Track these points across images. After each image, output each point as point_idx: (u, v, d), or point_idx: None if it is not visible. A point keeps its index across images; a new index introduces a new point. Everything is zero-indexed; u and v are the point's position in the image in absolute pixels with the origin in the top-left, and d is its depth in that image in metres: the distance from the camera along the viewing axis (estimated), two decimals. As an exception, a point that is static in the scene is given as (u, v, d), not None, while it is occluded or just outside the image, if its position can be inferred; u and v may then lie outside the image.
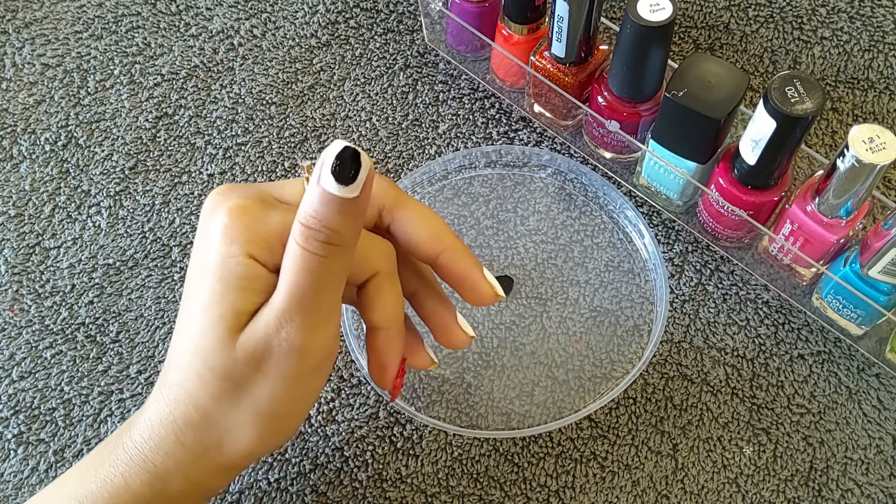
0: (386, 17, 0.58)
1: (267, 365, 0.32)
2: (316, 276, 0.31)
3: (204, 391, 0.33)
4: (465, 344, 0.38)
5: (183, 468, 0.35)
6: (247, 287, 0.32)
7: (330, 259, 0.31)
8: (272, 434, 0.35)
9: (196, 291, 0.33)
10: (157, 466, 0.35)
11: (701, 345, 0.46)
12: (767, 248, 0.46)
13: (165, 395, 0.35)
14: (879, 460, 0.43)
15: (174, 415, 0.34)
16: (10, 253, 0.51)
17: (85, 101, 0.56)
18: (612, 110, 0.46)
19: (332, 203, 0.29)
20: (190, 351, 0.33)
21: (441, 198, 0.51)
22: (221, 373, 0.32)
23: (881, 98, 0.53)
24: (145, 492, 0.35)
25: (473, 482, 0.43)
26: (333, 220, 0.30)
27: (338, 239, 0.30)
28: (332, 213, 0.30)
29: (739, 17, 0.56)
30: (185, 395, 0.34)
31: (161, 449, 0.35)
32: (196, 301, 0.33)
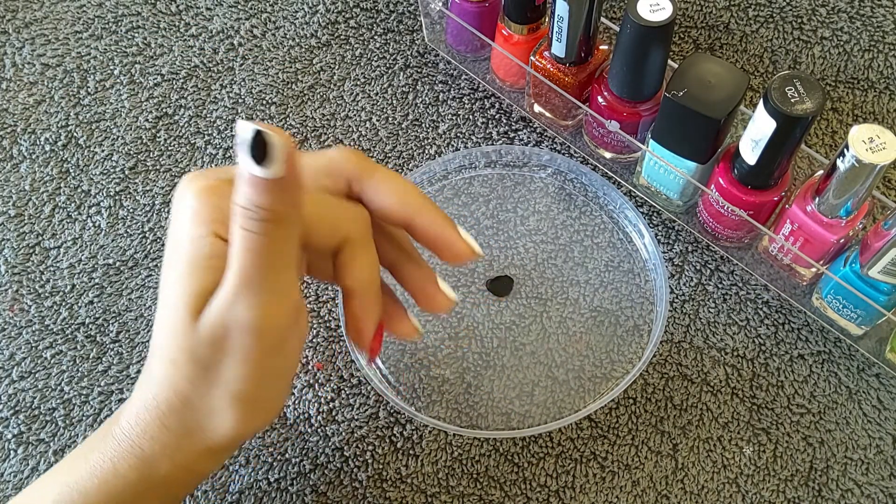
0: (386, 17, 0.58)
1: (227, 345, 0.32)
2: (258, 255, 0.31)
3: (179, 375, 0.34)
4: (448, 308, 0.38)
5: (169, 452, 0.35)
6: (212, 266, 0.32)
7: (269, 237, 0.31)
8: (251, 416, 0.35)
9: (167, 274, 0.33)
10: (143, 451, 0.35)
11: (701, 345, 0.46)
12: (767, 248, 0.46)
13: (148, 380, 0.35)
14: (879, 460, 0.43)
15: (157, 400, 0.35)
16: (10, 253, 0.51)
17: (85, 101, 0.56)
18: (612, 110, 0.46)
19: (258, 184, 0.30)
20: (162, 335, 0.33)
21: (441, 198, 0.51)
22: (190, 355, 0.33)
23: (881, 98, 0.53)
24: (133, 476, 0.35)
25: (473, 482, 0.43)
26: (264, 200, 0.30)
27: (273, 216, 0.31)
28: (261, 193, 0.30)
29: (739, 17, 0.56)
30: (164, 380, 0.34)
31: (147, 434, 0.35)
32: (166, 284, 0.33)
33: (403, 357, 0.46)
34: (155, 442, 0.35)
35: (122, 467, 0.35)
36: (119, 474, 0.35)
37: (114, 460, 0.36)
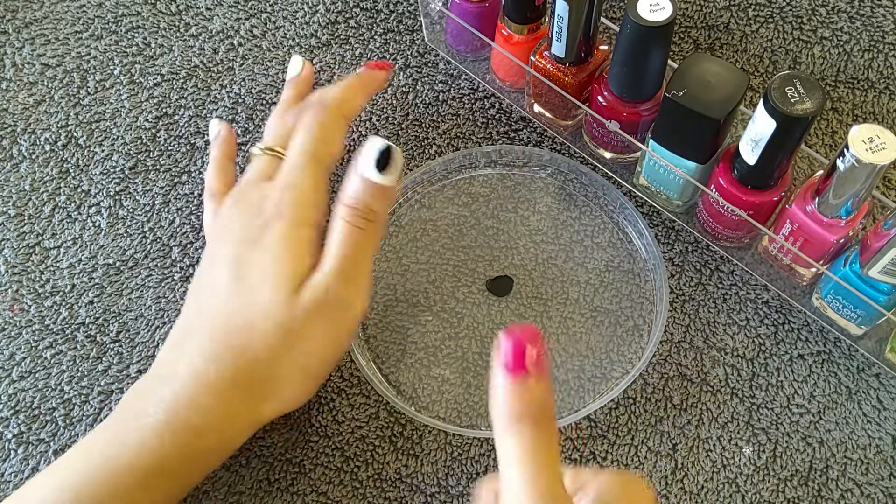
0: (386, 17, 0.58)
1: (319, 320, 0.38)
2: (357, 245, 0.38)
3: (262, 344, 0.38)
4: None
5: (222, 426, 0.38)
6: (306, 251, 0.39)
7: (367, 232, 0.39)
8: (306, 390, 0.40)
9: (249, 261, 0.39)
10: (195, 427, 0.37)
11: (700, 345, 0.46)
12: (767, 248, 0.46)
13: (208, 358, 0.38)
14: (879, 460, 0.43)
15: (221, 375, 0.38)
16: (10, 253, 0.51)
17: (85, 101, 0.56)
18: (612, 110, 0.46)
19: (370, 188, 0.38)
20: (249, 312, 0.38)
21: (441, 198, 0.51)
22: (282, 325, 0.38)
23: (881, 98, 0.53)
24: (177, 450, 0.37)
25: (472, 482, 0.43)
26: (370, 202, 0.38)
27: (373, 216, 0.39)
28: (370, 196, 0.38)
29: (739, 17, 0.56)
30: (235, 355, 0.38)
31: (202, 409, 0.37)
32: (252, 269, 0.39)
33: (404, 357, 0.46)
34: (208, 416, 0.37)
35: (170, 442, 0.37)
36: (166, 449, 0.37)
37: (161, 437, 0.37)
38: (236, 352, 0.38)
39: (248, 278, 0.39)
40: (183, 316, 0.41)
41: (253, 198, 0.41)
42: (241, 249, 0.39)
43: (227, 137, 0.49)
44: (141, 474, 0.36)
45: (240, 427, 0.39)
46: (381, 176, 0.38)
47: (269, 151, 0.44)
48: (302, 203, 0.40)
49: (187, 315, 0.41)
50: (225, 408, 0.38)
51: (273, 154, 0.44)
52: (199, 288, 0.41)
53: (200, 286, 0.41)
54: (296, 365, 0.39)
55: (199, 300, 0.41)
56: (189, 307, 0.41)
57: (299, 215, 0.40)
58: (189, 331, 0.40)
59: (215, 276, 0.40)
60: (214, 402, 0.38)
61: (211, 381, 0.38)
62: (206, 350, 0.38)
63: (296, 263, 0.39)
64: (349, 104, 0.45)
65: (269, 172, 0.43)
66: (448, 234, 0.50)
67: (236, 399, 0.38)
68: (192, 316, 0.41)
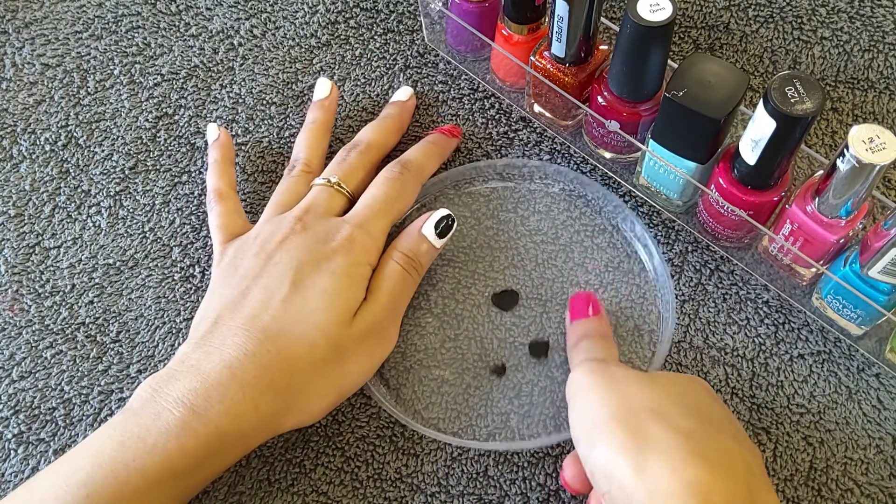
0: (386, 17, 0.58)
1: (365, 344, 0.42)
2: (405, 286, 0.44)
3: (307, 358, 0.40)
4: None
5: (246, 431, 0.38)
6: (363, 285, 0.43)
7: (413, 279, 0.45)
8: (329, 406, 0.42)
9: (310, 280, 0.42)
10: (219, 429, 0.37)
11: (700, 344, 0.46)
12: (767, 248, 0.46)
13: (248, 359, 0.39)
14: (879, 460, 0.43)
15: (259, 380, 0.39)
16: (10, 253, 0.51)
17: (85, 101, 0.56)
18: (612, 110, 0.46)
19: (425, 244, 0.45)
20: (303, 324, 0.40)
21: (441, 198, 0.51)
22: (334, 342, 0.41)
23: (881, 98, 0.53)
24: (200, 453, 0.37)
25: (472, 482, 0.43)
26: (422, 255, 0.45)
27: (420, 268, 0.45)
28: (423, 250, 0.45)
29: (739, 17, 0.56)
30: (280, 361, 0.39)
31: (231, 412, 0.38)
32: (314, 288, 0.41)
33: (403, 359, 0.46)
34: (237, 420, 0.38)
35: (191, 445, 0.37)
36: (186, 452, 0.37)
37: (180, 438, 0.37)
38: (280, 357, 0.39)
39: (308, 294, 0.41)
40: (210, 313, 0.41)
41: (321, 227, 0.44)
42: (304, 268, 0.42)
43: (224, 142, 0.51)
44: (155, 477, 0.36)
45: (260, 435, 0.39)
46: (438, 240, 0.45)
47: (337, 187, 0.47)
48: (369, 245, 0.44)
49: (220, 314, 0.41)
50: (255, 413, 0.38)
51: (339, 190, 0.47)
52: (240, 292, 0.42)
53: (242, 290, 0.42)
54: (332, 382, 0.41)
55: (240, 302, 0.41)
56: (222, 303, 0.41)
57: (365, 254, 0.43)
58: (225, 328, 0.40)
59: (268, 283, 0.42)
60: (246, 406, 0.38)
61: (248, 382, 0.38)
62: (249, 350, 0.39)
63: (354, 293, 0.42)
64: (427, 169, 0.49)
65: (334, 207, 0.46)
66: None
67: (267, 405, 0.39)
68: (226, 315, 0.41)
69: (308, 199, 0.46)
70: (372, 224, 0.45)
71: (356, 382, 0.42)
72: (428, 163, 0.49)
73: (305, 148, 0.50)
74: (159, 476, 0.36)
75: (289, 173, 0.49)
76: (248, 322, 0.40)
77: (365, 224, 0.44)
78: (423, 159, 0.49)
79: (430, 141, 0.50)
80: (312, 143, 0.50)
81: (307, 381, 0.40)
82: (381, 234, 0.45)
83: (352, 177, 0.48)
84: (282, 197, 0.47)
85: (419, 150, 0.49)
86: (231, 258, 0.44)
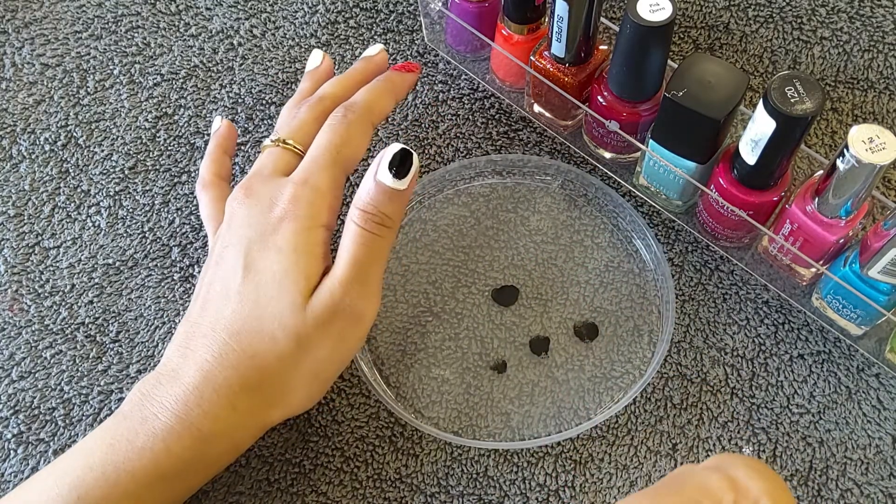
0: (386, 17, 0.58)
1: (331, 327, 0.38)
2: (370, 251, 0.38)
3: (272, 352, 0.37)
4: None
5: (229, 431, 0.38)
6: (317, 252, 0.38)
7: (381, 237, 0.38)
8: (314, 394, 0.39)
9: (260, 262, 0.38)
10: (202, 431, 0.37)
11: (700, 344, 0.46)
12: (767, 248, 0.46)
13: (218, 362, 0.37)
14: (879, 460, 0.43)
15: (230, 381, 0.37)
16: (10, 253, 0.51)
17: (85, 101, 0.56)
18: (611, 110, 0.46)
19: (386, 193, 0.38)
20: (259, 318, 0.37)
21: (441, 198, 0.51)
22: (293, 333, 0.37)
23: (881, 98, 0.53)
24: (187, 455, 0.37)
25: (472, 482, 0.43)
26: (385, 206, 0.38)
27: (388, 221, 0.38)
28: (385, 200, 0.38)
29: (739, 17, 0.56)
30: (246, 359, 0.37)
31: (210, 414, 0.37)
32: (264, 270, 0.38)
33: (403, 358, 0.46)
34: (218, 422, 0.37)
35: (177, 448, 0.37)
36: (173, 454, 0.37)
37: (167, 441, 0.36)
38: (246, 356, 0.37)
39: (259, 280, 0.38)
40: (190, 312, 0.40)
41: (265, 191, 0.40)
42: (252, 247, 0.39)
43: (224, 132, 0.48)
44: (145, 479, 0.36)
45: (248, 432, 0.39)
46: (396, 181, 0.38)
47: (283, 144, 0.42)
48: (317, 203, 0.39)
49: (194, 312, 0.40)
50: (233, 412, 0.38)
51: (286, 147, 0.42)
52: (207, 284, 0.40)
53: (208, 283, 0.40)
54: (305, 372, 0.38)
55: (207, 297, 0.39)
56: (196, 303, 0.40)
57: (314, 215, 0.39)
58: (197, 330, 0.39)
59: (225, 274, 0.39)
60: (223, 407, 0.37)
61: (220, 385, 0.37)
62: (216, 352, 0.38)
63: (307, 267, 0.38)
64: (377, 108, 0.44)
65: (282, 167, 0.42)
66: (448, 235, 0.50)
67: (245, 403, 0.38)
68: (198, 314, 0.39)
69: (255, 164, 0.43)
70: (318, 177, 0.40)
71: (335, 367, 0.39)
72: (378, 101, 0.44)
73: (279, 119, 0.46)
74: (149, 478, 0.36)
75: None
76: (213, 322, 0.38)
77: (309, 179, 0.40)
78: (370, 97, 0.44)
79: (380, 79, 0.46)
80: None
81: (279, 375, 0.38)
82: (330, 188, 0.40)
83: (301, 131, 0.43)
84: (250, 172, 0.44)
85: (366, 88, 0.45)
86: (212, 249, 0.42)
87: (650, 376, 0.45)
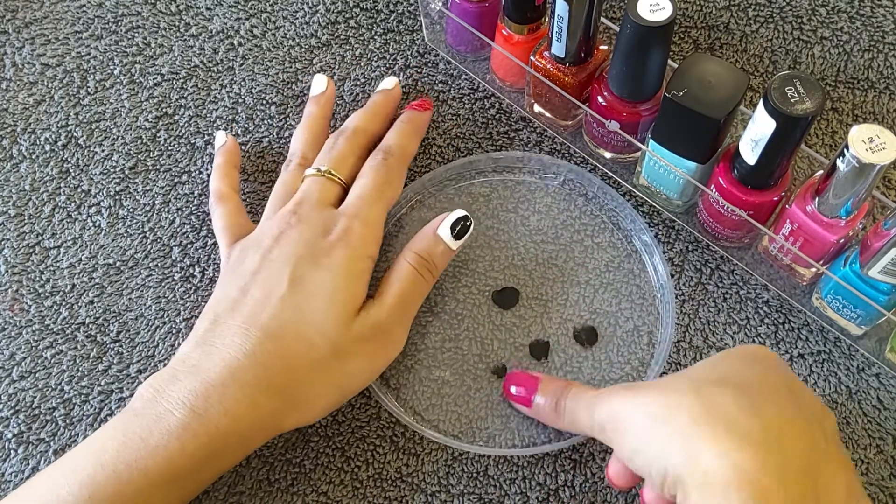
0: (386, 17, 0.58)
1: (367, 345, 0.41)
2: (415, 289, 0.43)
3: (307, 356, 0.40)
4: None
5: (245, 430, 0.38)
6: (364, 280, 0.43)
7: (425, 281, 0.44)
8: (331, 405, 0.41)
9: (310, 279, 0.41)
10: (219, 429, 0.37)
11: (700, 344, 0.46)
12: (767, 248, 0.46)
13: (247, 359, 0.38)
14: (879, 460, 0.43)
15: (258, 379, 0.38)
16: (10, 253, 0.51)
17: (85, 101, 0.56)
18: (612, 110, 0.46)
19: (440, 246, 0.44)
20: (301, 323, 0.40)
21: (441, 197, 0.51)
22: (332, 341, 0.40)
23: (881, 98, 0.53)
24: (200, 454, 0.37)
25: (473, 481, 0.43)
26: (436, 257, 0.44)
27: (434, 270, 0.44)
28: (437, 252, 0.44)
29: (739, 17, 0.56)
30: (277, 361, 0.39)
31: (231, 412, 0.37)
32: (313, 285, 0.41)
33: (403, 359, 0.46)
34: (237, 421, 0.38)
35: (191, 446, 0.37)
36: (186, 453, 0.37)
37: (181, 439, 0.37)
38: (279, 357, 0.39)
39: (308, 292, 0.41)
40: (215, 312, 0.41)
41: (317, 219, 0.43)
42: (303, 265, 0.41)
43: (230, 147, 0.51)
44: (158, 478, 0.36)
45: (262, 434, 0.39)
46: (454, 241, 0.45)
47: (328, 175, 0.46)
48: (367, 236, 0.43)
49: (222, 312, 0.41)
50: (253, 412, 0.38)
51: (330, 178, 0.46)
52: (240, 290, 0.41)
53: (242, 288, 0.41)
54: (332, 382, 0.41)
55: (240, 300, 0.41)
56: (222, 305, 0.41)
57: (364, 246, 0.43)
58: (225, 328, 0.40)
59: (267, 283, 0.41)
60: (246, 406, 0.38)
61: (245, 381, 0.38)
62: (248, 349, 0.39)
63: (354, 290, 0.42)
64: (409, 150, 0.49)
65: (327, 196, 0.45)
66: (448, 234, 0.50)
67: (267, 404, 0.38)
68: (227, 314, 0.41)
69: (301, 191, 0.46)
70: (367, 213, 0.44)
71: (358, 383, 0.42)
72: (409, 143, 0.49)
73: (302, 142, 0.49)
74: (161, 477, 0.36)
75: (286, 168, 0.48)
76: (248, 321, 0.40)
77: (360, 214, 0.44)
78: (403, 141, 0.48)
79: (405, 121, 0.50)
80: (308, 137, 0.50)
81: (306, 381, 0.40)
82: (377, 223, 0.45)
83: (343, 163, 0.47)
84: (279, 192, 0.47)
85: (396, 132, 0.49)
86: (234, 258, 0.44)
87: (650, 377, 0.45)
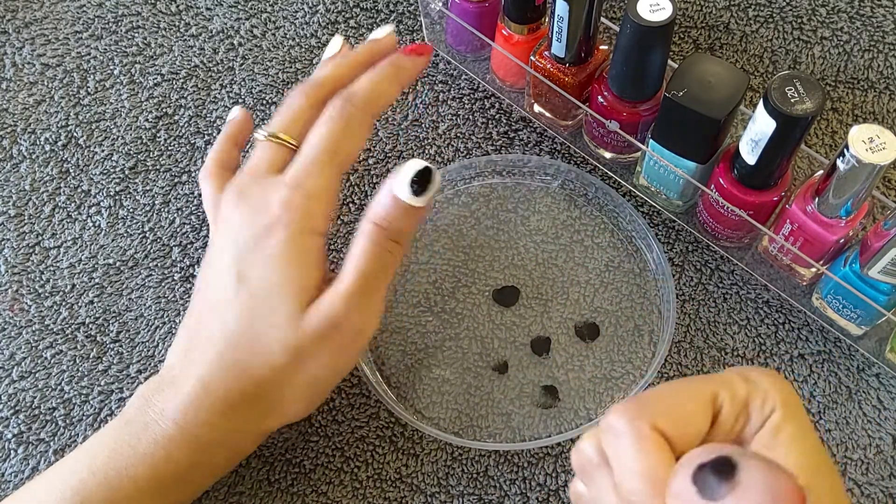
0: (386, 18, 0.58)
1: (329, 341, 0.36)
2: (378, 266, 0.36)
3: (268, 364, 0.36)
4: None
5: (226, 440, 0.38)
6: (312, 260, 0.36)
7: (391, 254, 0.36)
8: (311, 403, 0.39)
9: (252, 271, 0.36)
10: (200, 439, 0.37)
11: (701, 344, 0.46)
12: (767, 248, 0.46)
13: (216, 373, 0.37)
14: (879, 460, 0.43)
15: (228, 392, 0.37)
16: (10, 253, 0.51)
17: (85, 101, 0.56)
18: (612, 110, 0.46)
19: (401, 209, 0.36)
20: (255, 329, 0.36)
21: (441, 198, 0.51)
22: (290, 346, 0.36)
23: (881, 98, 0.53)
24: (186, 462, 0.37)
25: (473, 482, 0.43)
26: (399, 222, 0.36)
27: (400, 238, 0.36)
28: (400, 216, 0.36)
29: (739, 17, 0.56)
30: (241, 371, 0.37)
31: (208, 424, 0.37)
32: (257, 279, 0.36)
33: (404, 358, 0.46)
34: (215, 431, 0.37)
35: (177, 455, 0.37)
36: (172, 461, 0.37)
37: (167, 448, 0.37)
38: (242, 367, 0.37)
39: (253, 290, 0.36)
40: (187, 320, 0.40)
41: (257, 194, 0.37)
42: (244, 255, 0.37)
43: (238, 119, 0.44)
44: (147, 485, 0.36)
45: (247, 439, 0.39)
46: (416, 198, 0.35)
47: (275, 139, 0.39)
48: (311, 208, 0.36)
49: (191, 321, 0.39)
50: (232, 422, 0.38)
51: (279, 142, 0.39)
52: (202, 290, 0.39)
53: (203, 288, 0.39)
54: (302, 383, 0.37)
55: (202, 306, 0.39)
56: (193, 311, 0.39)
57: (308, 222, 0.36)
58: (195, 338, 0.38)
59: (217, 282, 0.38)
60: (221, 416, 0.37)
61: (218, 396, 0.37)
62: (214, 362, 0.37)
63: (302, 277, 0.36)
64: (379, 98, 0.39)
65: (276, 163, 0.38)
66: (448, 235, 0.50)
67: (242, 414, 0.38)
68: (196, 323, 0.39)
69: (247, 161, 0.40)
70: (313, 181, 0.37)
71: (328, 379, 0.39)
72: (381, 90, 0.39)
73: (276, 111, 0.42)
74: (150, 484, 0.36)
75: None
76: (210, 334, 0.37)
77: (304, 182, 0.37)
78: (372, 86, 0.39)
79: (387, 62, 0.40)
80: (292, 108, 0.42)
81: (275, 387, 0.37)
82: (325, 191, 0.37)
83: (296, 123, 0.39)
84: None
85: (369, 75, 0.40)
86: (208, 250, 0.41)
87: (651, 377, 0.45)
